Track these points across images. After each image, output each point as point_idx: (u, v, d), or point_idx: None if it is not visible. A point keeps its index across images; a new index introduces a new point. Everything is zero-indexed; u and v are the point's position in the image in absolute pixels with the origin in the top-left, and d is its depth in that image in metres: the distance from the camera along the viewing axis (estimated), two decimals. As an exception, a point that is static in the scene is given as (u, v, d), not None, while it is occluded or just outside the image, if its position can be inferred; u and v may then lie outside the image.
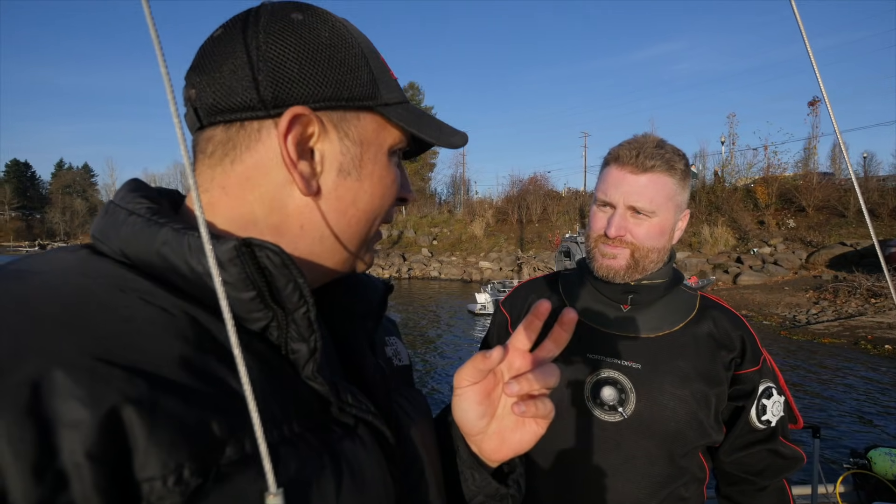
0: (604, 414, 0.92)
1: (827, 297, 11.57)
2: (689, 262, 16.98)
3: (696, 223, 19.21)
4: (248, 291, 0.38)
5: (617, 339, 0.97)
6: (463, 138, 0.52)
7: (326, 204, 0.45)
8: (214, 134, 0.43)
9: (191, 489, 0.30)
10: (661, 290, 0.99)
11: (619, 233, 0.93)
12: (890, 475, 2.96)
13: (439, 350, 9.95)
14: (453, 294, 17.59)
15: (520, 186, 27.00)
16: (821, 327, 9.70)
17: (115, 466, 0.29)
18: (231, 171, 0.43)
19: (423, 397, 0.61)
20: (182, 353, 0.34)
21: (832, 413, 5.86)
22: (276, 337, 0.41)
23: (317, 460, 0.38)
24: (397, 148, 0.48)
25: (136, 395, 0.30)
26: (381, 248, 25.34)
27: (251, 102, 0.41)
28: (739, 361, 0.96)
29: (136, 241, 0.39)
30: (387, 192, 0.48)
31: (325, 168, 0.44)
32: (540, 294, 1.10)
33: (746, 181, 20.57)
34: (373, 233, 0.49)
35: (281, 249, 0.38)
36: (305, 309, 0.40)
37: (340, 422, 0.43)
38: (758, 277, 14.72)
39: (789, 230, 17.41)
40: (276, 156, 0.42)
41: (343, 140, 0.44)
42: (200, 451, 0.31)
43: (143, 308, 0.35)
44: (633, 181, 0.92)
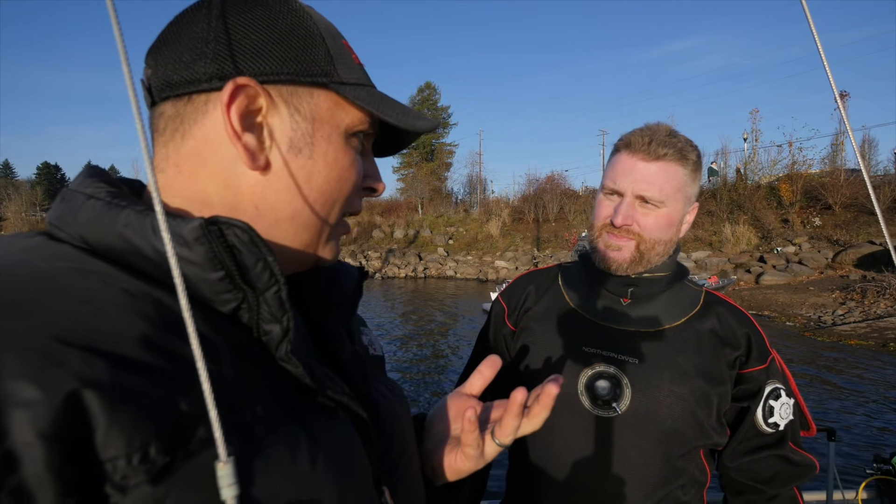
0: (597, 409, 0.90)
1: (854, 297, 11.21)
2: (710, 261, 16.62)
3: (717, 221, 18.79)
4: (216, 271, 0.38)
5: (615, 333, 0.94)
6: (429, 122, 0.51)
7: (278, 181, 0.44)
8: (165, 109, 0.43)
9: (157, 467, 0.30)
10: (663, 284, 0.96)
11: (626, 222, 0.90)
12: (915, 482, 2.86)
13: (453, 349, 9.95)
14: (469, 293, 17.56)
15: (536, 185, 26.78)
16: (847, 328, 9.40)
17: (73, 447, 0.28)
18: (182, 147, 0.43)
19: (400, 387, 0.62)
20: (145, 334, 0.33)
21: (856, 417, 5.68)
22: (247, 319, 0.40)
23: (293, 438, 0.38)
24: (357, 129, 0.47)
25: (94, 375, 0.29)
26: (398, 248, 25.42)
27: (197, 75, 0.41)
28: (745, 360, 0.93)
29: (97, 225, 0.38)
30: (343, 175, 0.47)
31: (273, 143, 0.43)
32: (539, 285, 1.07)
33: (770, 178, 20.03)
34: (333, 218, 0.48)
35: (249, 227, 0.38)
36: (276, 288, 0.39)
37: (316, 403, 0.42)
38: (781, 277, 14.33)
39: (815, 228, 16.90)
40: (222, 129, 0.42)
41: (294, 115, 0.44)
42: (167, 430, 0.31)
43: (104, 290, 0.34)
44: (643, 169, 0.89)
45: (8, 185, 60.40)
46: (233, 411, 0.35)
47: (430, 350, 9.96)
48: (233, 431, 0.34)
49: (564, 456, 0.92)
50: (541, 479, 0.97)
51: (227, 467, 0.28)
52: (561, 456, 0.93)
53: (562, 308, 1.00)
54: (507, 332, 1.06)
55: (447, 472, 0.60)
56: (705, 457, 0.95)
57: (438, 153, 40.52)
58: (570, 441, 0.92)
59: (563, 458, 0.93)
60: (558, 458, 0.94)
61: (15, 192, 56.93)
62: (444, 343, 10.58)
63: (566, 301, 1.01)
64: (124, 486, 0.29)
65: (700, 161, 0.94)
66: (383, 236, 27.00)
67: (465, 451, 0.56)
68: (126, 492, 0.29)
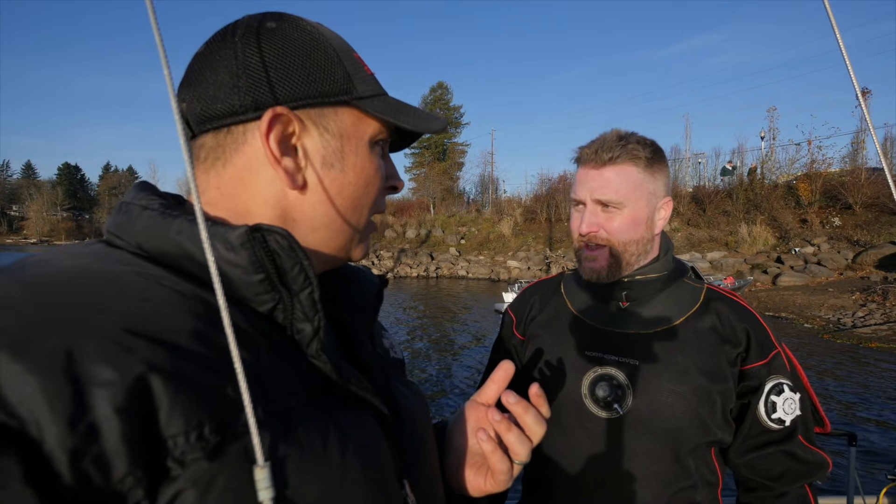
0: (601, 411, 0.92)
1: (875, 299, 10.96)
2: (726, 261, 16.40)
3: (733, 221, 18.52)
4: (258, 274, 0.41)
5: (614, 336, 0.97)
6: (440, 123, 0.55)
7: (314, 196, 0.48)
8: (205, 141, 0.47)
9: (211, 445, 0.33)
10: (658, 285, 0.98)
11: (592, 229, 0.94)
12: (938, 489, 2.79)
13: (465, 348, 9.95)
14: (481, 293, 17.56)
15: (549, 185, 26.66)
16: (868, 331, 9.20)
17: (142, 424, 0.32)
18: (223, 174, 0.47)
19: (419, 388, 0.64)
20: (196, 328, 0.37)
21: (875, 422, 5.56)
22: (282, 318, 0.43)
23: (324, 429, 0.41)
24: (379, 138, 0.51)
25: (158, 362, 0.33)
26: (410, 248, 25.52)
27: (234, 108, 0.45)
28: (745, 356, 0.93)
29: (153, 233, 0.42)
30: (371, 181, 0.51)
31: (308, 162, 0.47)
32: (544, 295, 1.12)
33: (788, 178, 19.67)
34: (363, 222, 0.52)
35: (288, 233, 0.42)
36: (310, 290, 0.43)
37: (343, 399, 0.45)
38: (799, 278, 14.08)
39: (834, 229, 16.56)
40: (262, 155, 0.45)
41: (323, 135, 0.48)
42: (218, 411, 0.35)
43: (160, 290, 0.38)
44: (595, 176, 0.94)
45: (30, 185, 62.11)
46: (271, 399, 0.38)
47: (442, 349, 9.98)
48: (272, 418, 0.37)
49: (571, 458, 0.94)
50: (551, 482, 0.99)
51: (264, 471, 0.30)
52: (568, 458, 0.95)
53: (564, 315, 1.04)
54: (517, 342, 1.10)
55: (470, 490, 0.62)
56: (716, 457, 0.95)
57: (450, 153, 40.60)
58: (577, 443, 0.94)
59: (571, 460, 0.94)
60: (566, 460, 0.95)
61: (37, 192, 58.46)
62: (456, 343, 10.59)
63: (568, 308, 1.05)
64: (183, 460, 0.32)
65: (656, 156, 0.96)
66: (395, 236, 27.13)
67: (497, 477, 0.58)
68: (185, 466, 0.32)
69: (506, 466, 0.57)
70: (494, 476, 0.58)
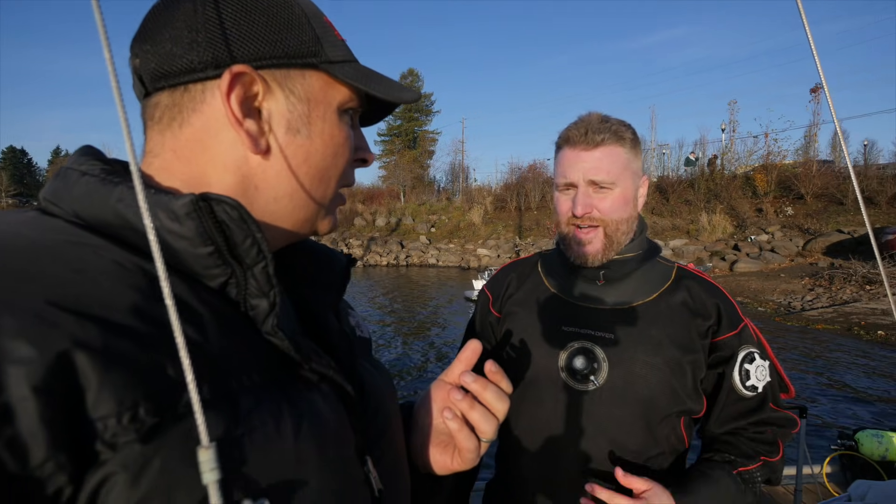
0: (577, 384, 0.95)
1: (822, 283, 11.64)
2: (687, 249, 17.01)
3: (694, 210, 19.19)
4: (206, 246, 0.39)
5: (591, 312, 1.00)
6: (413, 94, 0.53)
7: (278, 163, 0.45)
8: (160, 99, 0.44)
9: (147, 427, 0.31)
10: (634, 264, 1.01)
11: (587, 210, 0.96)
12: (876, 456, 3.01)
13: (436, 335, 10.01)
14: (451, 281, 17.63)
15: (518, 174, 26.88)
16: (815, 314, 9.77)
17: (65, 404, 0.29)
18: (180, 135, 0.44)
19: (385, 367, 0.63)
20: (135, 303, 0.34)
21: (822, 397, 5.94)
22: (235, 294, 0.41)
23: (276, 408, 0.39)
24: (348, 106, 0.49)
25: (85, 338, 0.31)
26: (380, 236, 25.30)
27: (192, 65, 0.42)
28: (716, 328, 0.97)
29: (91, 200, 0.39)
30: (339, 151, 0.49)
31: (272, 126, 0.45)
32: (521, 273, 1.13)
33: (746, 169, 20.49)
34: (330, 193, 0.50)
35: (238, 203, 0.39)
36: (264, 264, 0.40)
37: (301, 376, 0.43)
38: (754, 265, 14.77)
39: (787, 218, 17.41)
40: (222, 116, 0.43)
41: (289, 98, 0.45)
42: (156, 392, 0.32)
43: (96, 261, 0.36)
44: (587, 157, 0.95)
45: (-29, 169, 58.15)
46: (218, 378, 0.36)
47: (413, 336, 10.00)
48: (218, 398, 0.35)
49: (547, 429, 0.97)
50: (526, 453, 1.00)
51: (209, 452, 0.28)
52: (544, 430, 0.97)
53: (542, 292, 1.06)
54: (493, 319, 1.12)
55: (437, 469, 0.61)
56: (685, 427, 0.99)
57: (421, 141, 40.27)
58: (553, 415, 0.96)
59: (547, 432, 0.97)
60: (542, 431, 0.98)
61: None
62: (426, 329, 10.63)
63: (546, 286, 1.07)
64: (114, 443, 0.30)
65: (636, 138, 1.00)
66: (365, 224, 26.82)
67: (464, 455, 0.58)
68: (116, 449, 0.30)
69: (473, 445, 0.57)
70: (461, 454, 0.58)
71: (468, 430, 0.57)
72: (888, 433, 3.07)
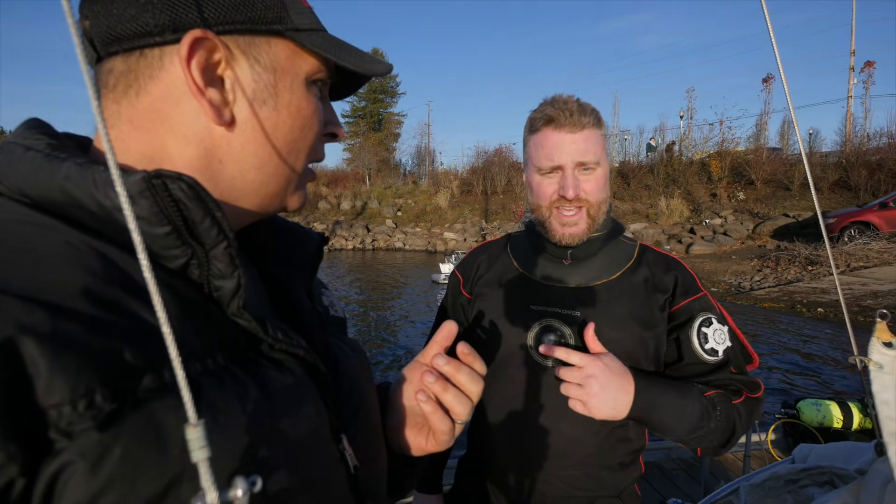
0: (544, 360, 0.98)
1: (769, 265, 12.31)
2: (647, 232, 17.59)
3: (653, 195, 19.82)
4: (162, 226, 0.37)
5: (558, 291, 1.02)
6: (385, 66, 0.50)
7: (243, 135, 0.43)
8: (114, 65, 0.41)
9: (104, 413, 0.30)
10: (599, 243, 1.04)
11: (577, 192, 0.97)
12: (815, 423, 3.25)
13: (403, 318, 10.01)
14: (418, 264, 17.62)
15: (485, 158, 26.92)
16: (762, 293, 10.35)
17: (12, 393, 0.28)
18: (137, 104, 0.41)
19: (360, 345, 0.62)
20: (88, 286, 0.33)
21: (768, 371, 6.34)
22: (197, 275, 0.40)
23: (242, 389, 0.37)
24: (317, 77, 0.47)
25: (32, 323, 0.29)
26: (345, 220, 24.90)
27: (147, 28, 0.39)
28: (672, 299, 1.00)
29: (36, 177, 0.37)
30: (307, 124, 0.47)
31: (237, 96, 0.43)
32: (491, 256, 1.15)
33: (702, 155, 21.26)
34: (299, 167, 0.48)
35: (195, 181, 0.37)
36: (226, 244, 0.39)
37: (271, 357, 0.42)
38: (708, 247, 15.45)
39: (739, 202, 18.25)
40: (182, 84, 0.40)
41: (254, 66, 0.43)
42: (113, 377, 0.31)
43: (44, 241, 0.34)
44: (574, 139, 0.96)
45: None
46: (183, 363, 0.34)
47: (381, 320, 9.97)
48: None
49: (517, 404, 0.99)
50: (497, 428, 1.03)
51: (197, 430, 0.28)
52: (514, 405, 1.00)
53: (511, 273, 1.08)
54: (464, 301, 1.14)
55: (412, 450, 0.61)
56: None
57: (386, 123, 39.59)
58: (522, 390, 0.99)
59: (517, 407, 0.99)
60: (512, 407, 1.00)
61: None
62: (393, 313, 10.62)
63: (514, 267, 1.09)
64: (70, 431, 0.29)
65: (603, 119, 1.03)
66: (329, 208, 26.30)
67: (438, 437, 0.58)
68: (72, 437, 0.29)
69: (447, 426, 0.57)
70: (436, 436, 0.58)
71: (442, 411, 0.57)
72: (826, 402, 3.32)
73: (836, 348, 7.04)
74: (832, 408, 3.26)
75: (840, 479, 1.31)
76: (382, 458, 0.58)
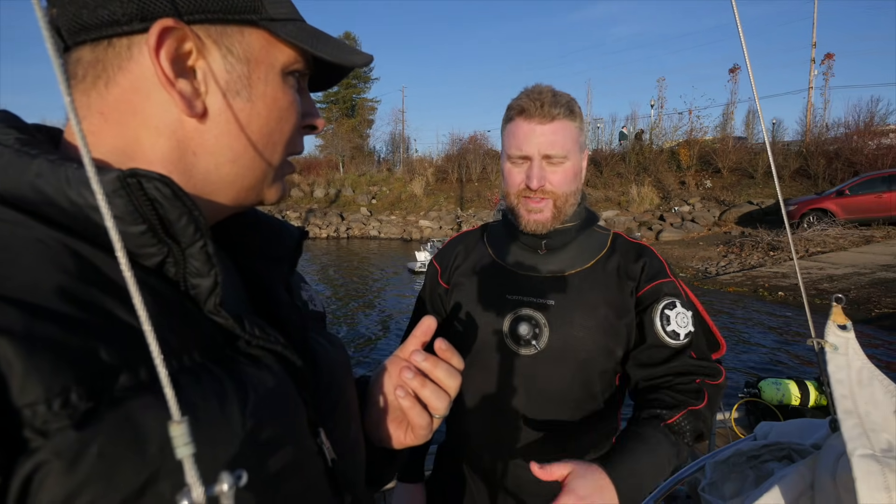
0: (521, 348, 1.00)
1: (734, 250, 12.76)
2: (618, 219, 17.95)
3: (625, 183, 20.20)
4: (137, 225, 0.36)
5: (533, 280, 1.04)
6: (365, 57, 0.50)
7: (217, 127, 0.43)
8: (82, 55, 0.40)
9: (80, 412, 0.30)
10: (573, 233, 1.05)
11: (541, 183, 0.98)
12: (775, 401, 3.42)
13: (379, 307, 9.98)
14: (393, 253, 17.53)
15: (460, 145, 26.81)
16: (727, 278, 10.74)
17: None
18: (107, 95, 0.40)
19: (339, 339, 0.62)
20: (61, 284, 0.32)
21: (731, 352, 6.61)
22: (173, 273, 0.40)
23: (219, 386, 0.37)
24: (293, 69, 0.46)
25: (6, 322, 0.29)
26: (318, 208, 24.51)
27: (114, 16, 0.38)
28: (638, 284, 1.03)
29: (5, 174, 0.36)
30: (284, 116, 0.46)
31: (209, 88, 0.42)
32: (468, 246, 1.16)
33: (672, 144, 21.72)
34: (276, 160, 0.47)
35: (171, 180, 0.37)
36: (202, 243, 0.39)
37: (248, 353, 0.42)
38: (677, 234, 15.89)
39: (706, 190, 18.78)
40: (152, 75, 0.39)
41: (227, 57, 0.42)
42: (89, 376, 0.31)
43: (15, 239, 0.33)
44: (544, 131, 0.96)
45: None
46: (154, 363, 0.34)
47: (357, 309, 9.91)
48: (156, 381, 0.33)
49: (494, 392, 1.02)
50: (474, 415, 1.05)
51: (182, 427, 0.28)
52: (491, 392, 1.02)
53: (486, 263, 1.10)
54: (442, 291, 1.15)
55: (392, 443, 0.62)
56: (619, 380, 1.07)
57: (360, 109, 38.93)
58: (499, 378, 1.01)
59: (493, 394, 1.02)
60: (489, 394, 1.03)
61: None
62: (370, 302, 10.57)
63: (490, 256, 1.11)
64: (45, 430, 0.29)
65: (580, 111, 1.02)
66: (302, 195, 25.82)
67: (417, 431, 0.59)
68: (48, 436, 0.29)
69: (425, 421, 0.58)
70: (414, 430, 0.59)
71: (420, 407, 0.57)
72: (785, 381, 3.48)
73: (795, 330, 7.38)
74: (791, 386, 3.43)
75: (797, 454, 1.38)
76: (361, 451, 0.59)
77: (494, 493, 1.04)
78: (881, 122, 18.10)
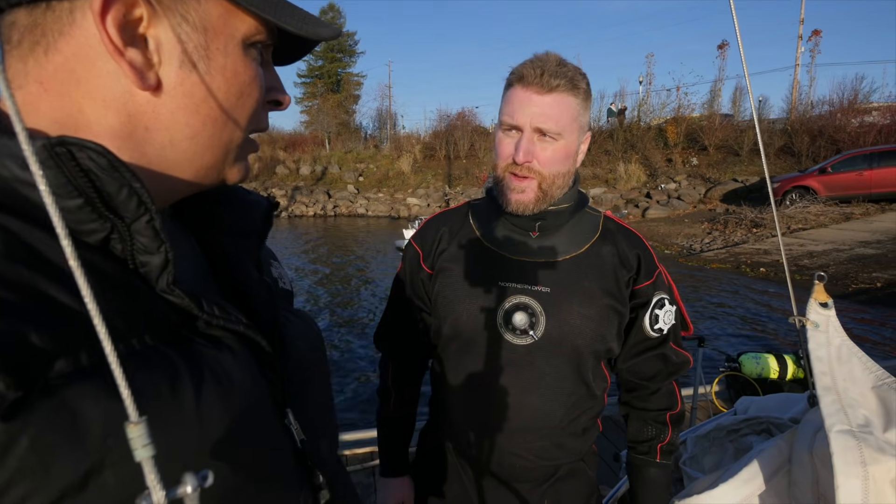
0: (516, 338, 0.96)
1: (718, 227, 12.93)
2: (606, 197, 18.02)
3: (612, 160, 20.20)
4: (73, 199, 0.34)
5: (527, 266, 0.99)
6: (332, 30, 0.46)
7: (172, 101, 0.40)
8: (17, 18, 0.36)
9: (8, 402, 0.28)
10: (566, 215, 1.00)
11: (527, 158, 0.90)
12: (754, 375, 3.51)
13: (367, 287, 9.98)
14: (381, 231, 17.45)
15: (448, 122, 26.45)
16: (711, 254, 10.90)
17: None
18: (46, 63, 0.37)
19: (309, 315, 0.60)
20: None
21: (714, 327, 6.76)
22: (120, 250, 0.37)
23: (171, 370, 0.36)
24: (255, 40, 0.43)
25: None
26: (305, 185, 24.15)
27: None
28: (636, 277, 1.02)
29: None
30: (245, 91, 0.43)
31: (163, 58, 0.39)
32: (453, 228, 1.07)
33: (659, 121, 21.69)
34: (238, 137, 0.45)
35: (106, 150, 0.34)
36: (148, 217, 0.36)
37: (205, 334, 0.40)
38: (663, 211, 16.02)
39: (692, 167, 18.88)
40: (98, 43, 0.36)
41: (181, 25, 0.39)
42: (17, 365, 0.29)
43: None
44: (538, 102, 0.88)
45: None
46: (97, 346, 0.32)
47: (344, 288, 9.89)
48: (98, 366, 0.31)
49: (487, 381, 0.98)
50: (466, 403, 1.03)
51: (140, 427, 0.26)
52: (484, 381, 0.99)
53: (475, 246, 1.03)
54: (425, 276, 1.07)
55: None
56: (605, 365, 1.07)
57: (345, 84, 38.04)
58: (493, 368, 0.98)
59: (486, 383, 0.99)
60: (481, 383, 0.99)
61: None
62: (357, 281, 10.54)
63: (479, 239, 1.03)
64: None
65: (589, 90, 0.95)
66: (288, 173, 25.38)
67: None
68: None
69: None
70: None
71: None
72: (764, 355, 3.58)
73: (775, 305, 7.57)
74: (770, 360, 3.52)
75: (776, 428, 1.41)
76: (332, 430, 0.58)
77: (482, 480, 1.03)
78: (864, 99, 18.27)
